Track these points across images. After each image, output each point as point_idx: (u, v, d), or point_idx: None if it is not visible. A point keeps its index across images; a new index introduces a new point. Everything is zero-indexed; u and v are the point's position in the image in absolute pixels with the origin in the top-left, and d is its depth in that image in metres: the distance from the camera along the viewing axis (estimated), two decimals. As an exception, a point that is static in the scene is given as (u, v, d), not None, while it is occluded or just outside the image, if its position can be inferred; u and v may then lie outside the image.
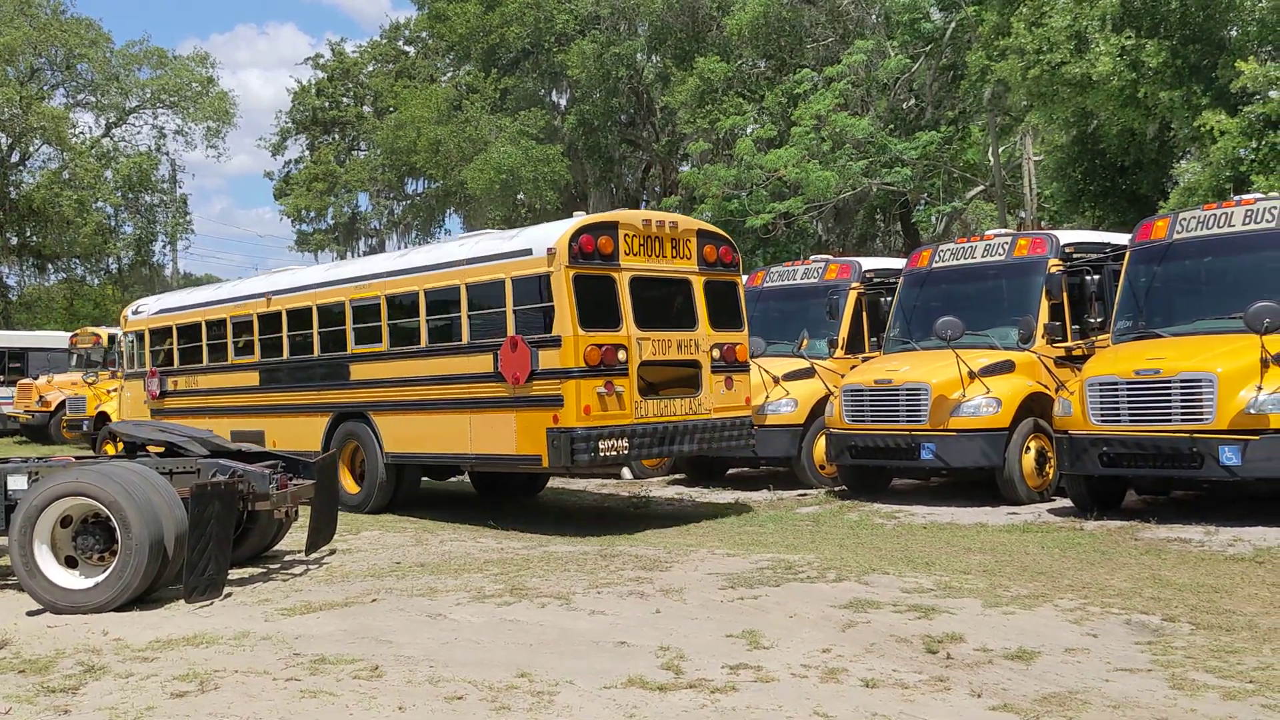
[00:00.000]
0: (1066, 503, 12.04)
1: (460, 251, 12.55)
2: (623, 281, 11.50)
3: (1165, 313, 11.71)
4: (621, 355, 11.26)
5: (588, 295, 11.15)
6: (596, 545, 10.41)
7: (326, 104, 50.94)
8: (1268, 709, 5.04)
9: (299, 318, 14.66)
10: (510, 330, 11.50)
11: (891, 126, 29.77)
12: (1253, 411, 10.02)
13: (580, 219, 11.58)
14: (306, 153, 52.59)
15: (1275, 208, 11.24)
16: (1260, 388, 10.07)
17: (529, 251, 11.45)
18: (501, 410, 11.58)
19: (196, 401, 16.49)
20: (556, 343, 11.02)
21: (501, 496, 14.89)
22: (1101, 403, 10.88)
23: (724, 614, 7.24)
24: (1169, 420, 10.40)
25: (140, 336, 17.99)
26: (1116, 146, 22.48)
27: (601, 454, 11.00)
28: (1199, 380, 10.29)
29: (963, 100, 30.83)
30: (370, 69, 50.59)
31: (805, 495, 14.14)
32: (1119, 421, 10.74)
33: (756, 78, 32.65)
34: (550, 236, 11.31)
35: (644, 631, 6.81)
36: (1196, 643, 6.24)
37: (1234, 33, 19.60)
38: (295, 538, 10.56)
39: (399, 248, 45.31)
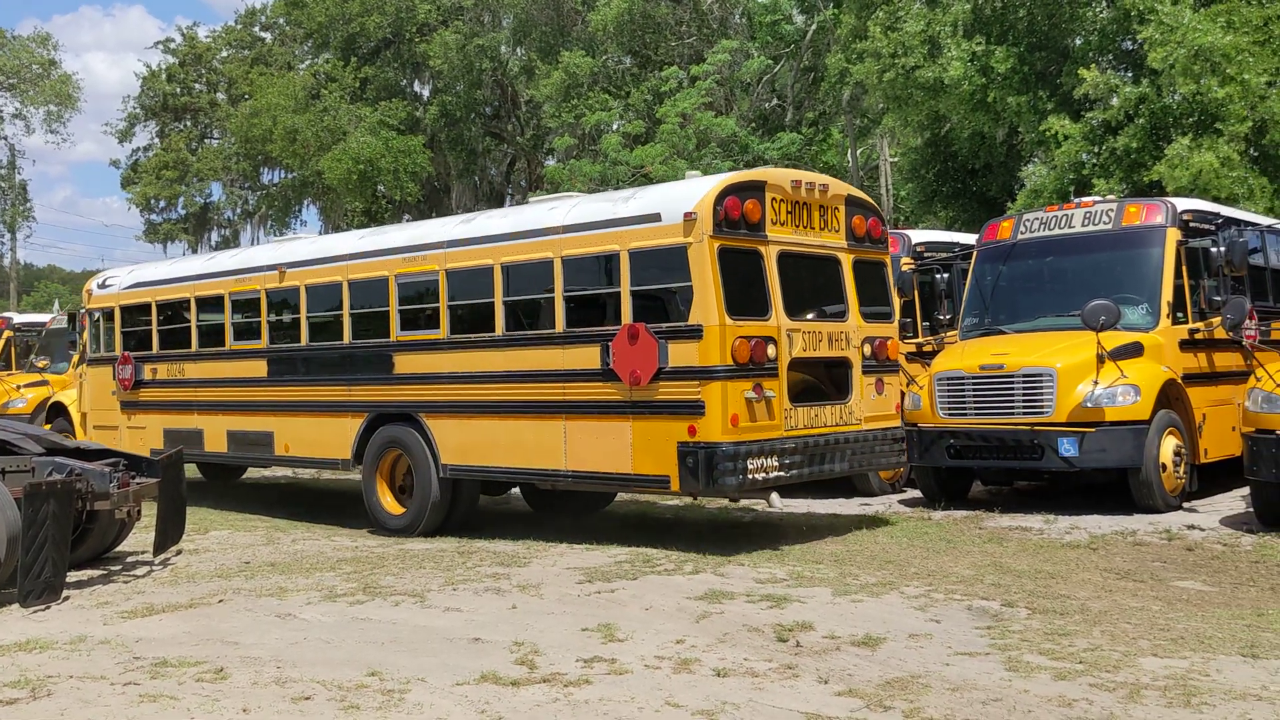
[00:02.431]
0: (916, 493, 12.40)
1: (552, 216, 10.13)
2: (770, 257, 9.37)
3: (1010, 310, 12.16)
4: (771, 351, 9.15)
5: (733, 274, 9.02)
6: (454, 543, 10.31)
7: (178, 90, 49.20)
8: (1095, 687, 5.27)
9: (323, 295, 12.13)
10: (627, 316, 9.32)
11: (754, 126, 30.22)
12: (1089, 405, 10.48)
13: (723, 177, 9.38)
14: (156, 140, 50.72)
15: (1112, 210, 11.78)
16: (1096, 382, 10.54)
17: (656, 217, 9.22)
18: (611, 417, 9.41)
19: (182, 394, 13.89)
20: (695, 334, 8.88)
21: (558, 514, 12.17)
22: (949, 397, 11.25)
23: (580, 608, 7.24)
24: (1012, 413, 10.81)
25: (109, 314, 15.13)
26: (967, 149, 23.24)
27: (750, 476, 8.86)
28: (1039, 375, 10.72)
29: (823, 102, 31.51)
30: (224, 55, 49.05)
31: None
32: (965, 415, 11.12)
33: (622, 74, 32.76)
34: (687, 197, 9.12)
35: (499, 627, 6.77)
36: (1032, 626, 6.50)
37: (1078, 41, 20.45)
38: (141, 538, 10.19)
39: (253, 240, 44.08)
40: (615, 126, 30.60)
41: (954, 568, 8.31)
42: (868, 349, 10.15)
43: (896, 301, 10.74)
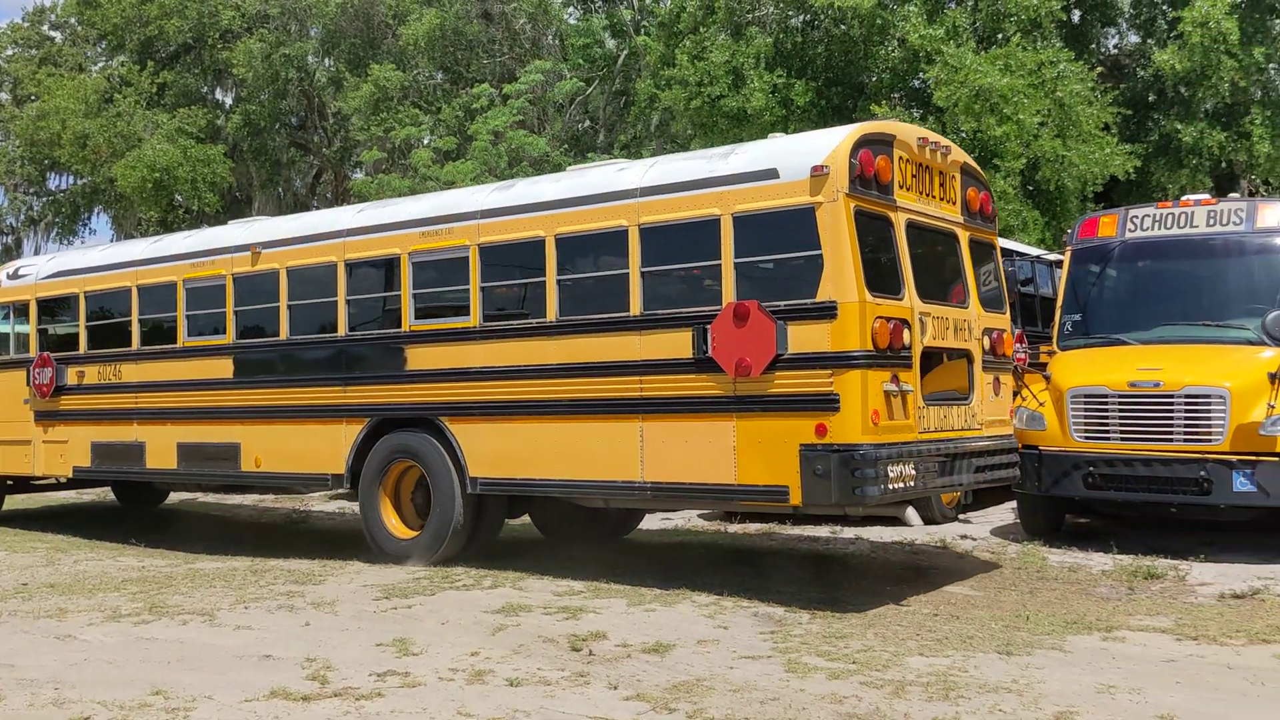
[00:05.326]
0: (714, 508, 12.80)
1: (625, 178, 8.60)
2: (899, 226, 7.97)
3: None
4: (906, 336, 7.70)
5: (866, 243, 7.60)
6: (247, 562, 10.08)
7: (-44, 87, 46.25)
8: (865, 685, 5.62)
9: (311, 280, 10.36)
10: (730, 294, 7.81)
11: (566, 147, 30.49)
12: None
13: (854, 127, 7.91)
14: (-69, 139, 47.53)
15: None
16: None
17: (772, 173, 7.75)
18: (707, 416, 7.91)
19: (118, 401, 11.90)
20: (827, 312, 7.41)
21: (574, 538, 10.68)
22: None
23: (376, 624, 7.23)
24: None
25: (22, 309, 13.12)
26: (769, 177, 24.02)
27: (890, 485, 7.46)
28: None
29: (634, 125, 32.06)
30: (9, 53, 46.39)
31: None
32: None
33: (433, 89, 32.56)
34: (815, 150, 7.68)
35: (291, 644, 6.70)
36: (813, 630, 6.85)
37: (871, 79, 21.49)
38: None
39: (36, 249, 41.74)
40: (426, 141, 30.39)
41: (744, 577, 8.64)
42: (987, 341, 8.76)
43: (1006, 291, 9.59)
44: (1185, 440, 9.31)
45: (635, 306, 8.28)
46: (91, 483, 14.52)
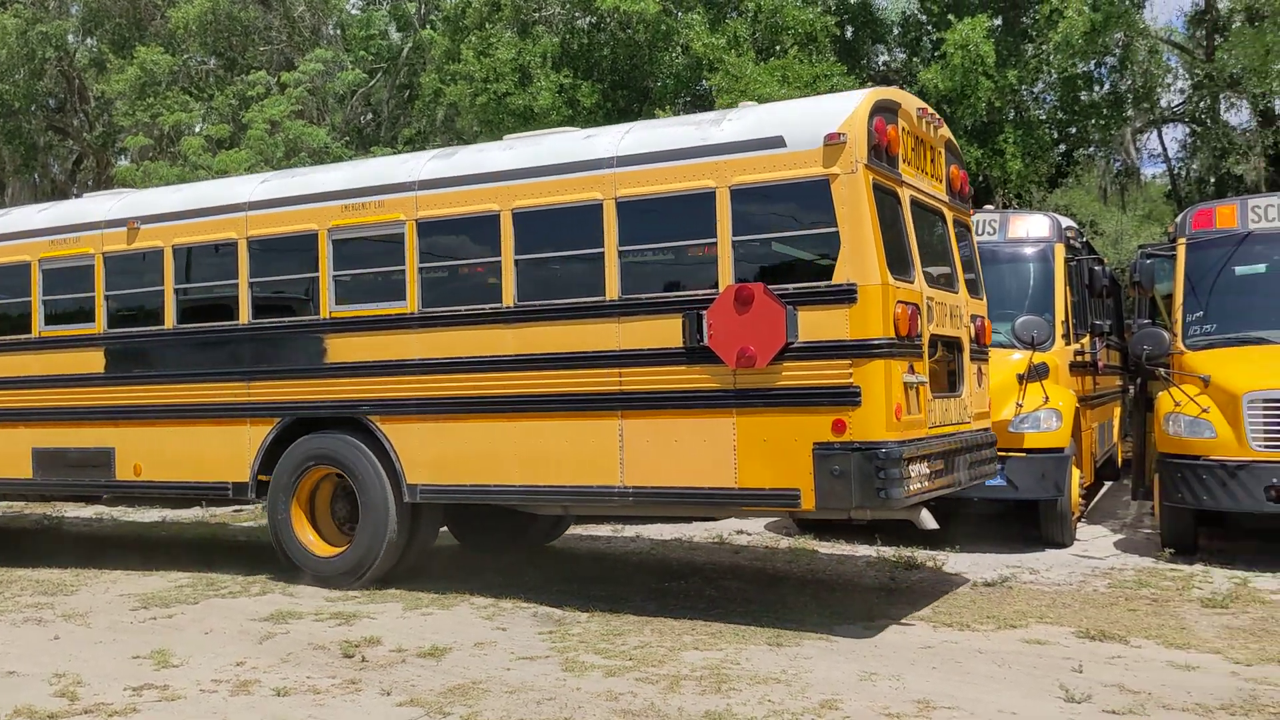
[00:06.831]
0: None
1: (597, 146, 7.72)
2: (905, 203, 7.36)
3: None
4: (920, 323, 7.13)
5: (884, 221, 6.95)
6: (-9, 571, 9.40)
7: None
8: (640, 681, 5.69)
9: (204, 260, 9.15)
10: (727, 276, 7.04)
11: (348, 139, 29.72)
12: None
13: (867, 92, 7.19)
14: None
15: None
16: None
17: (777, 141, 7.01)
18: (702, 412, 7.09)
19: None
20: (844, 296, 6.73)
21: (500, 547, 9.91)
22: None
23: (133, 635, 6.87)
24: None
25: None
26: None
27: (912, 486, 6.83)
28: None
29: (418, 120, 31.55)
30: None
31: (240, 511, 13.69)
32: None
33: (206, 74, 31.18)
34: (828, 115, 6.98)
35: (39, 659, 6.29)
36: (591, 629, 6.89)
37: (657, 84, 21.83)
38: None
39: None
40: (197, 129, 29.05)
41: (524, 577, 8.62)
42: (972, 329, 8.30)
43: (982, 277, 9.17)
44: (944, 438, 9.80)
45: (612, 290, 7.43)
46: None
